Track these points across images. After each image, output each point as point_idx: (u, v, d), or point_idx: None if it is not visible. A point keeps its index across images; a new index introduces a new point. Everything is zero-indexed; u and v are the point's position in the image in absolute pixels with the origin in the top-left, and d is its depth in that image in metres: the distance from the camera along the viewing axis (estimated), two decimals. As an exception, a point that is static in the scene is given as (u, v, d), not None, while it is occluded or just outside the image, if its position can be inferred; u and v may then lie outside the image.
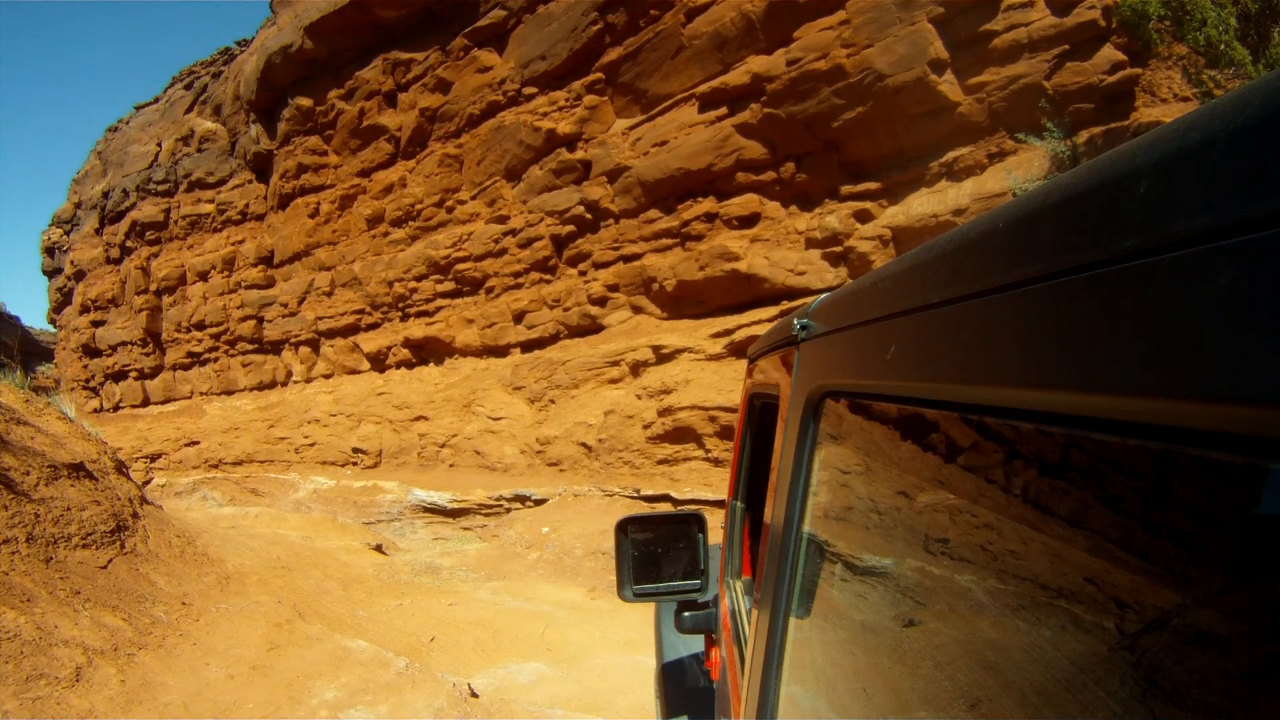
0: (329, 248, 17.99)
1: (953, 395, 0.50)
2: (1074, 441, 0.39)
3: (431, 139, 15.49)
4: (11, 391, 6.45)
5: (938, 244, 0.54)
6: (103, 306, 24.12)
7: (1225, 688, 0.28)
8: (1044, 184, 0.41)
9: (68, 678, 3.80)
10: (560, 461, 12.05)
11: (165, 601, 5.11)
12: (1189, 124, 0.28)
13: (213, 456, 18.88)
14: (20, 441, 5.31)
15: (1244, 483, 0.27)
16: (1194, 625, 0.30)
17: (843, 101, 9.70)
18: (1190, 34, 6.78)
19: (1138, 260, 0.30)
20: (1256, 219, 0.24)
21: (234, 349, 20.65)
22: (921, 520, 0.66)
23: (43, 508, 4.86)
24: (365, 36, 15.94)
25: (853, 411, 0.78)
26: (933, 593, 0.63)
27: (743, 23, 10.50)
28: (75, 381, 24.99)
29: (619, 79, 12.37)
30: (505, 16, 13.81)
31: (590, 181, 12.83)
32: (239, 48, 22.32)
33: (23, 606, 4.03)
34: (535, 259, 13.76)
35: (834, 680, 0.83)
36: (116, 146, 25.17)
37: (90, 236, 25.01)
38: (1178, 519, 0.32)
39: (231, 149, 21.00)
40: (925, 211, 9.31)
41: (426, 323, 15.79)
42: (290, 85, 17.72)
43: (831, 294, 0.92)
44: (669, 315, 12.10)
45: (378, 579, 7.89)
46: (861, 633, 0.86)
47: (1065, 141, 8.17)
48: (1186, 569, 0.32)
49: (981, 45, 8.75)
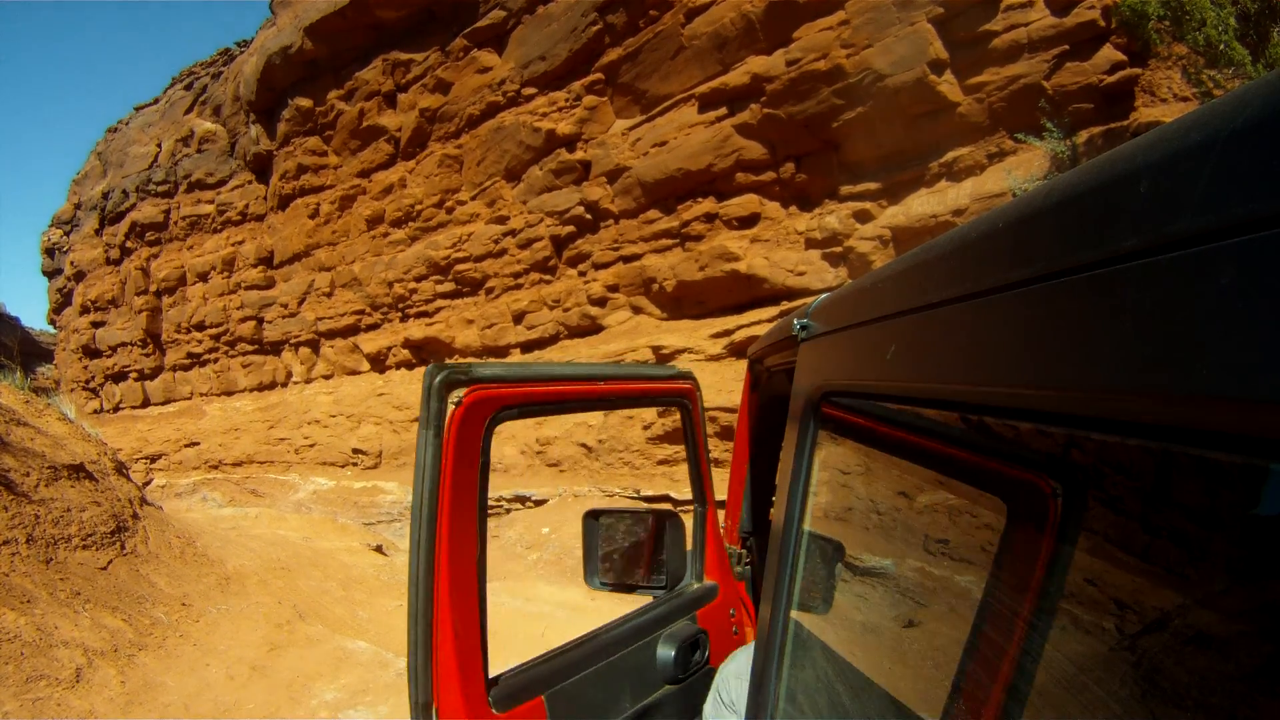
0: (329, 248, 17.99)
1: (953, 395, 0.50)
2: (1074, 441, 0.39)
3: (431, 139, 15.49)
4: (11, 392, 6.45)
5: (937, 244, 0.54)
6: (103, 307, 24.11)
7: (1225, 688, 0.28)
8: (1044, 184, 0.41)
9: (68, 679, 3.80)
10: (560, 462, 12.06)
11: (165, 602, 5.11)
12: (1189, 124, 0.28)
13: (213, 457, 18.88)
14: (20, 442, 5.30)
15: (1244, 483, 0.27)
16: (1194, 625, 0.30)
17: (842, 102, 9.70)
18: (1190, 34, 6.78)
19: (1138, 260, 0.30)
20: (1256, 219, 0.24)
21: (234, 350, 20.65)
22: (921, 520, 0.66)
23: (43, 509, 4.86)
24: (365, 37, 15.94)
25: (853, 411, 0.78)
26: (932, 593, 0.63)
27: (742, 23, 10.50)
28: (75, 382, 24.99)
29: (619, 79, 12.37)
30: (505, 17, 13.81)
31: (590, 182, 12.83)
32: (239, 48, 22.32)
33: (23, 607, 4.03)
34: (535, 259, 13.76)
35: (834, 680, 0.83)
36: (116, 147, 25.17)
37: (90, 237, 25.01)
38: (1177, 519, 0.32)
39: (231, 150, 21.00)
40: (925, 212, 9.31)
41: (426, 323, 15.79)
42: (290, 86, 17.72)
43: (831, 294, 0.92)
44: (669, 315, 12.10)
45: (378, 579, 7.88)
46: (861, 632, 0.86)
47: (1065, 141, 8.17)
48: (1186, 569, 0.32)
49: (981, 45, 8.75)
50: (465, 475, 1.22)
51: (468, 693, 1.20)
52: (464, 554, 1.22)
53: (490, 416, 1.28)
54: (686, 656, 1.68)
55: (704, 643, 1.75)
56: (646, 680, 1.62)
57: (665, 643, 1.67)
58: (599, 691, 1.49)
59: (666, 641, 1.67)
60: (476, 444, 1.25)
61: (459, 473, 1.20)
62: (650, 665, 1.64)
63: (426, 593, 1.17)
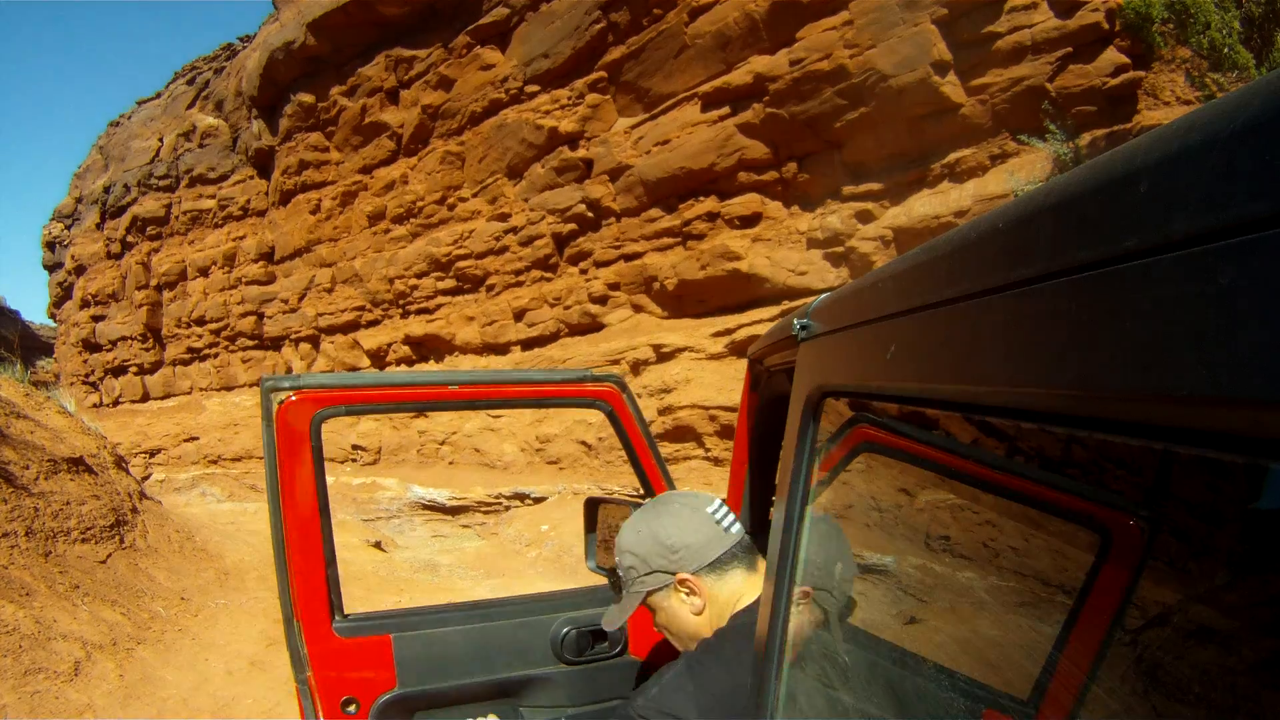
0: (330, 244, 17.98)
1: (953, 395, 0.50)
2: (1074, 441, 0.39)
3: (433, 136, 15.49)
4: (11, 386, 6.45)
5: (938, 244, 0.54)
6: (103, 301, 24.12)
7: (1226, 683, 0.28)
8: (1044, 184, 0.41)
9: (66, 672, 3.80)
10: (560, 459, 12.06)
11: (164, 596, 5.11)
12: (1190, 124, 0.28)
13: (212, 452, 18.88)
14: (20, 436, 5.31)
15: (1244, 483, 0.27)
16: (1195, 623, 0.30)
17: (845, 102, 9.69)
18: (1194, 37, 6.77)
19: (1138, 260, 0.30)
20: (1256, 219, 0.24)
21: (234, 345, 20.65)
22: (922, 519, 0.66)
23: (42, 502, 4.86)
24: (368, 33, 15.93)
25: (853, 411, 0.78)
26: (934, 591, 0.63)
27: (746, 22, 10.49)
28: (75, 376, 25.00)
29: (622, 78, 12.36)
30: (508, 14, 13.80)
31: (592, 180, 12.83)
32: (241, 44, 22.32)
33: (22, 600, 4.04)
34: (536, 257, 13.76)
35: (834, 678, 0.83)
36: (118, 141, 25.17)
37: (91, 231, 25.01)
38: (1178, 519, 0.32)
39: (233, 145, 20.99)
40: (927, 212, 9.31)
41: (427, 320, 15.79)
42: (292, 81, 17.71)
43: (832, 294, 0.92)
44: (670, 314, 12.10)
45: (377, 576, 7.89)
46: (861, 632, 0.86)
47: (1068, 143, 8.16)
48: (1187, 569, 0.32)
49: (984, 47, 8.74)
50: (293, 456, 1.64)
51: (316, 616, 1.64)
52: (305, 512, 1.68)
53: (314, 414, 1.66)
54: (584, 641, 1.82)
55: (616, 637, 1.85)
56: (535, 653, 1.79)
57: (565, 623, 1.82)
58: (466, 648, 1.71)
59: (567, 623, 1.82)
60: (305, 434, 1.65)
61: (288, 454, 1.63)
62: (542, 641, 1.80)
63: (279, 539, 1.66)
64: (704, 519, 1.16)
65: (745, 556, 1.15)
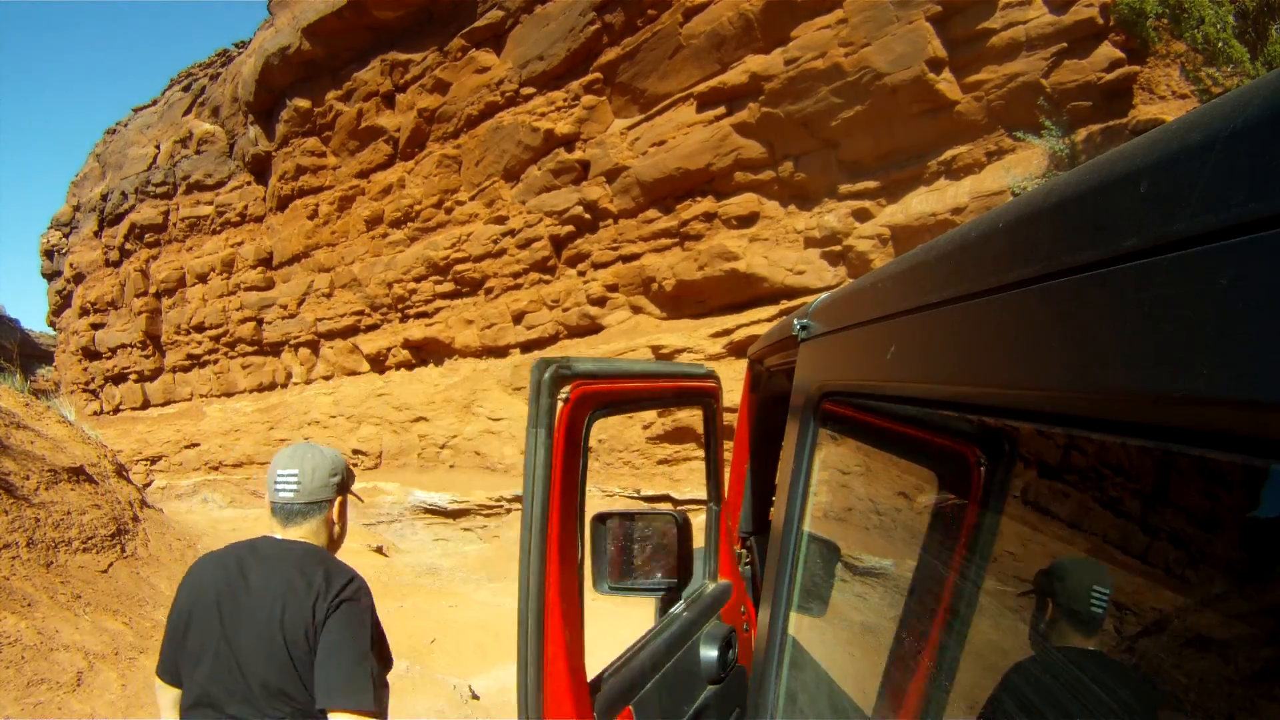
0: (328, 249, 17.98)
1: (953, 395, 0.50)
2: (1074, 442, 0.39)
3: (430, 140, 15.48)
4: (11, 395, 6.45)
5: (938, 244, 0.54)
6: (102, 309, 24.10)
7: (1224, 690, 0.28)
8: (1043, 184, 0.41)
9: (69, 682, 3.79)
10: (560, 462, 12.04)
11: (166, 605, 5.10)
12: (1189, 124, 0.28)
13: (213, 459, 18.87)
14: (20, 446, 5.30)
15: (1244, 483, 0.27)
16: (1194, 626, 0.30)
17: (841, 100, 9.70)
18: (1188, 32, 6.77)
19: (1138, 260, 0.29)
20: (1256, 219, 0.24)
21: (233, 351, 20.64)
22: (921, 520, 0.66)
23: (43, 512, 4.86)
24: (363, 38, 15.93)
25: (853, 411, 0.78)
26: (932, 591, 0.63)
27: (740, 22, 10.49)
28: (75, 384, 24.97)
29: (617, 79, 12.36)
30: (503, 17, 13.81)
31: (589, 181, 12.83)
32: (237, 49, 22.30)
33: (24, 611, 4.03)
34: (534, 259, 13.75)
35: (833, 678, 0.83)
36: (115, 149, 25.16)
37: (89, 239, 24.99)
38: (1177, 519, 0.32)
39: (230, 151, 20.98)
40: (924, 210, 9.31)
41: (426, 324, 15.78)
42: (288, 87, 17.70)
43: (831, 294, 0.92)
44: (668, 315, 12.10)
45: (379, 580, 7.88)
46: (861, 632, 0.86)
47: (1064, 139, 8.17)
48: (1186, 570, 0.32)
49: (979, 43, 8.75)
50: (572, 477, 1.15)
51: (579, 708, 1.13)
52: (570, 561, 1.15)
53: (590, 414, 1.20)
54: (725, 655, 1.67)
55: (735, 640, 1.74)
56: (694, 681, 1.61)
57: (706, 643, 1.65)
58: (666, 696, 1.45)
59: (707, 642, 1.66)
60: (579, 443, 1.17)
61: (568, 474, 1.13)
62: (694, 666, 1.62)
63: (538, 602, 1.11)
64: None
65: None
